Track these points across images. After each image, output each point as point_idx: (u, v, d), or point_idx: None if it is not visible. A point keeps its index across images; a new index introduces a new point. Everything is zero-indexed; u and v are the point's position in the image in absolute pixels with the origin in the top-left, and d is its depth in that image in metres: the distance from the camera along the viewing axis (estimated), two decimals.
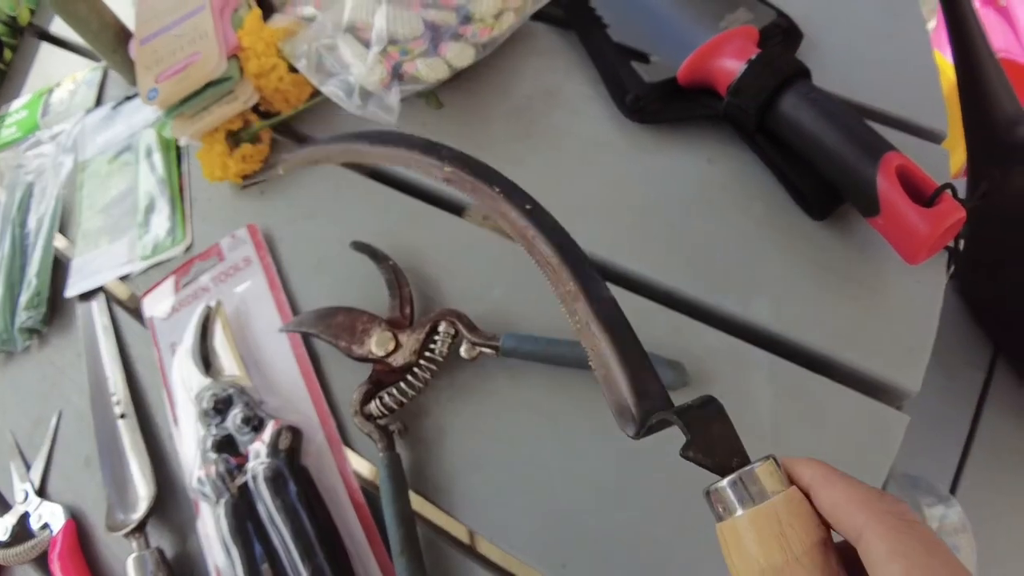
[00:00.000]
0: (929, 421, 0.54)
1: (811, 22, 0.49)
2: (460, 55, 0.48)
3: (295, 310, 0.47)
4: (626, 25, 0.50)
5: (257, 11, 0.54)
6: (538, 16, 0.52)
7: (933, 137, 0.45)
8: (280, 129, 0.57)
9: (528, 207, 0.30)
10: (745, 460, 0.21)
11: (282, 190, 0.53)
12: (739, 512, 0.20)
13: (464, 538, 0.41)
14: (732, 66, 0.43)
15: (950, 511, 0.50)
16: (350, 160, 0.51)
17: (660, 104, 0.47)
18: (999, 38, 0.95)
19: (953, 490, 0.55)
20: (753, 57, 0.42)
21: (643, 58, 0.48)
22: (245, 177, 0.53)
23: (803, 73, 0.42)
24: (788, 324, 0.40)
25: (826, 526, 0.20)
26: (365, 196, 0.51)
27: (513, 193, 0.31)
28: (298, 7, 0.55)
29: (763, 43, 0.46)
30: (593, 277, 0.27)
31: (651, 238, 0.44)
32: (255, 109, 0.54)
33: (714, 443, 0.21)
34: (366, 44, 0.49)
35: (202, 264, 0.51)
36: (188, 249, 0.53)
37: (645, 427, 0.23)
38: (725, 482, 0.21)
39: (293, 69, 0.53)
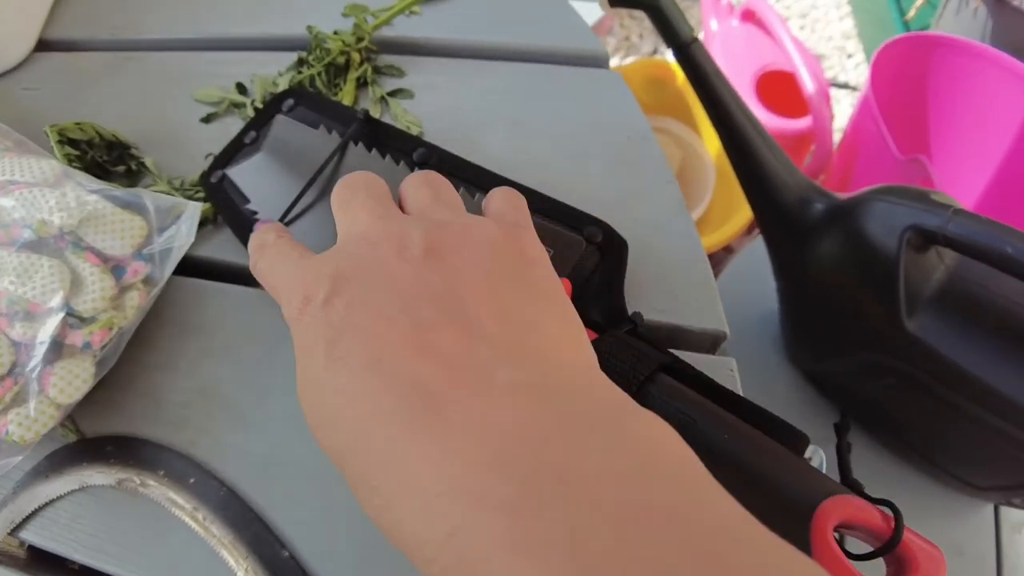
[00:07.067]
0: None
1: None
2: (71, 383, 0.33)
3: None
4: None
5: None
6: (191, 270, 0.38)
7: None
8: None
9: (192, 480, 0.32)
10: None
11: None
12: None
13: None
14: None
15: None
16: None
17: None
18: (765, 52, 0.94)
19: None
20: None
21: None
22: None
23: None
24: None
25: None
26: None
27: (172, 472, 0.32)
28: None
29: (576, 276, 0.31)
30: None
31: None
32: None
33: None
34: None
35: None
36: None
37: None
38: None
39: None
